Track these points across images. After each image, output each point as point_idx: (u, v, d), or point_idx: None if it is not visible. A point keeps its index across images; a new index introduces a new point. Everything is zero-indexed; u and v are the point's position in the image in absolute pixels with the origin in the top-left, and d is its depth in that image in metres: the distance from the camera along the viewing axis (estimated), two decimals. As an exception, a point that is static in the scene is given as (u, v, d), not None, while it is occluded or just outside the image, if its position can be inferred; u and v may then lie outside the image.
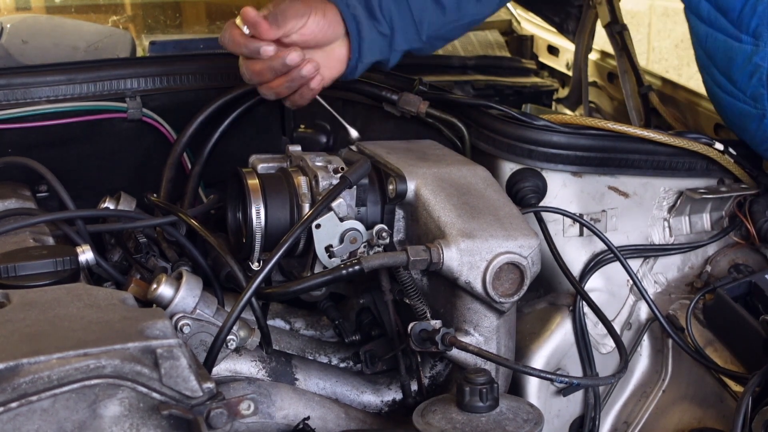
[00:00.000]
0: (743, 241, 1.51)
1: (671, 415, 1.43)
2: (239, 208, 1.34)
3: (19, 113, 1.52)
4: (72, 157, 1.62)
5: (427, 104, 1.51)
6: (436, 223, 1.21)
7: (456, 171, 1.31)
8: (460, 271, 1.16)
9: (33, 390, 0.78)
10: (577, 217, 1.42)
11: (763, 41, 1.35)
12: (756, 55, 1.36)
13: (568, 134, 1.41)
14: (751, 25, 1.35)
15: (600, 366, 1.43)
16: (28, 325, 0.88)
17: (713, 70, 1.47)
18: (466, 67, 2.24)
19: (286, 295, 1.26)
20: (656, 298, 1.47)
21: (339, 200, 1.24)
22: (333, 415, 1.23)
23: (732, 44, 1.39)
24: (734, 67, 1.40)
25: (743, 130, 1.48)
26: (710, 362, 1.35)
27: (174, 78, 1.66)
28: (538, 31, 2.48)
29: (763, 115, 1.40)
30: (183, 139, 1.60)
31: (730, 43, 1.39)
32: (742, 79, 1.40)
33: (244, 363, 1.27)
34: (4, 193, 1.43)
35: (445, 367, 1.31)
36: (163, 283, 1.14)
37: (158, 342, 0.85)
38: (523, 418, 1.05)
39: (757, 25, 1.35)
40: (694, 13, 1.46)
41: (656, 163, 1.46)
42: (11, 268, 1.08)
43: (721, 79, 1.45)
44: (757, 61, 1.36)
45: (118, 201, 1.43)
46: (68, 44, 1.91)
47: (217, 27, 2.58)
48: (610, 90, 2.19)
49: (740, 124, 1.48)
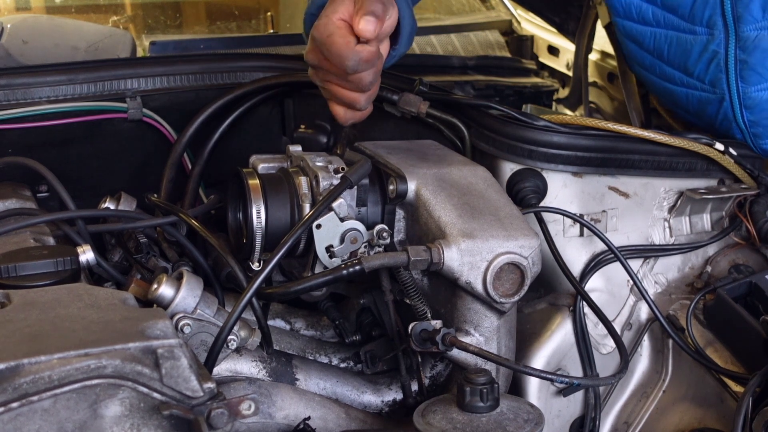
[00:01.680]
0: (743, 241, 1.51)
1: (671, 415, 1.43)
2: (240, 208, 1.34)
3: (19, 113, 1.52)
4: (72, 157, 1.62)
5: (427, 104, 1.51)
6: (437, 223, 1.21)
7: (456, 171, 1.31)
8: (461, 272, 1.16)
9: (34, 390, 0.78)
10: (577, 217, 1.42)
11: (717, 29, 1.45)
12: (712, 43, 1.47)
13: (568, 134, 1.41)
14: (705, 17, 1.46)
15: (600, 366, 1.43)
16: (28, 325, 0.88)
17: (663, 67, 1.58)
18: (467, 67, 2.24)
19: (286, 295, 1.26)
20: (656, 298, 1.47)
21: (339, 200, 1.24)
22: (333, 415, 1.23)
23: (686, 38, 1.50)
24: (690, 59, 1.51)
25: (701, 116, 1.60)
26: (710, 362, 1.35)
27: (174, 78, 1.66)
28: (538, 31, 2.48)
29: (722, 98, 1.51)
30: (183, 139, 1.60)
31: (684, 37, 1.50)
32: (700, 68, 1.51)
33: (245, 363, 1.27)
34: (4, 193, 1.43)
35: (445, 367, 1.31)
36: (163, 283, 1.14)
37: (159, 342, 0.85)
38: (523, 419, 1.05)
39: (710, 15, 1.45)
40: (635, 20, 1.57)
41: (656, 164, 1.46)
42: (12, 268, 1.08)
43: (673, 73, 1.56)
44: (714, 48, 1.47)
45: (119, 201, 1.43)
46: (68, 44, 1.91)
47: (217, 27, 2.58)
48: (610, 90, 2.19)
49: (697, 112, 1.59)
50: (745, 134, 1.56)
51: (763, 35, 1.42)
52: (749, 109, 1.49)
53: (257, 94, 1.66)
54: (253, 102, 1.66)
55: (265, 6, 2.69)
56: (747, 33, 1.43)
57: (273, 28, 2.49)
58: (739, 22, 1.42)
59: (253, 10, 2.70)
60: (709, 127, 1.61)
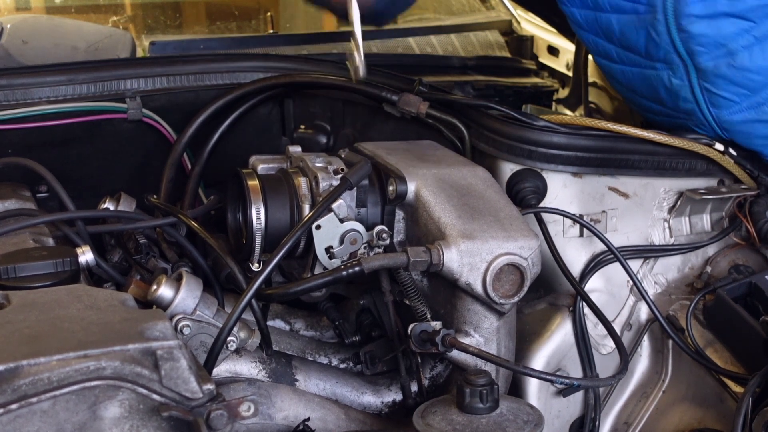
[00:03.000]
0: (743, 241, 1.51)
1: (671, 415, 1.43)
2: (239, 209, 1.34)
3: (19, 114, 1.52)
4: (72, 158, 1.62)
5: (427, 105, 1.51)
6: (436, 224, 1.21)
7: (456, 172, 1.31)
8: (461, 272, 1.16)
9: (33, 391, 0.78)
10: (577, 217, 1.42)
11: (675, 65, 1.44)
12: (674, 77, 1.45)
13: (568, 135, 1.41)
14: (660, 54, 1.44)
15: (600, 367, 1.43)
16: (28, 326, 0.88)
17: (639, 99, 1.58)
18: (466, 67, 2.24)
19: (286, 296, 1.26)
20: (656, 298, 1.47)
21: (339, 201, 1.24)
22: (333, 416, 1.23)
23: (649, 74, 1.49)
24: (659, 93, 1.50)
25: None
26: (710, 363, 1.35)
27: (174, 78, 1.66)
28: (538, 31, 2.48)
29: (700, 124, 1.49)
30: (183, 139, 1.60)
31: (647, 73, 1.49)
32: (670, 100, 1.50)
33: (244, 364, 1.27)
34: (4, 193, 1.43)
35: (445, 368, 1.31)
36: (163, 284, 1.14)
37: (158, 343, 0.85)
38: (523, 420, 1.05)
39: (664, 54, 1.43)
40: (604, 57, 1.56)
41: (656, 164, 1.46)
42: (11, 269, 1.08)
43: (650, 104, 1.57)
44: (676, 83, 1.46)
45: (118, 202, 1.43)
46: (68, 44, 1.91)
47: (217, 27, 2.58)
48: (610, 90, 2.19)
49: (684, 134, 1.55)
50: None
51: (720, 63, 1.40)
52: (727, 131, 1.48)
53: (257, 95, 1.66)
54: (253, 102, 1.66)
55: (265, 6, 2.69)
56: (704, 65, 1.40)
57: (273, 28, 2.49)
58: (693, 56, 1.40)
59: (253, 10, 2.70)
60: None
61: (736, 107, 1.44)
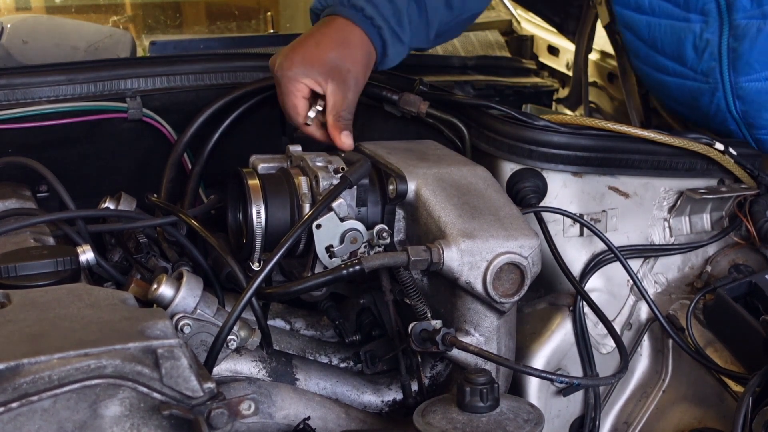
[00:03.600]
0: (743, 241, 1.51)
1: (671, 415, 1.43)
2: (239, 208, 1.34)
3: (19, 113, 1.52)
4: (72, 157, 1.62)
5: (427, 104, 1.51)
6: (437, 223, 1.21)
7: (456, 171, 1.31)
8: (461, 271, 1.16)
9: (34, 390, 0.78)
10: (577, 217, 1.42)
11: (711, 17, 1.48)
12: (706, 31, 1.49)
13: (568, 134, 1.41)
14: (699, 5, 1.48)
15: (600, 366, 1.43)
16: (28, 325, 0.88)
17: (657, 58, 1.60)
18: (467, 67, 2.24)
19: (286, 295, 1.26)
20: (656, 298, 1.47)
21: (339, 200, 1.24)
22: (333, 415, 1.23)
23: (680, 26, 1.52)
24: (684, 48, 1.53)
25: (694, 108, 1.61)
26: (710, 362, 1.35)
27: (174, 78, 1.66)
28: (538, 31, 2.48)
29: (715, 89, 1.52)
30: (183, 139, 1.60)
31: (678, 26, 1.52)
32: (694, 57, 1.52)
33: (245, 363, 1.27)
34: (4, 193, 1.43)
35: (445, 367, 1.31)
36: (163, 283, 1.14)
37: (159, 342, 0.85)
38: (523, 419, 1.05)
39: (704, 3, 1.47)
40: (633, 9, 1.59)
41: (656, 163, 1.46)
42: (12, 268, 1.08)
43: (667, 63, 1.58)
44: (707, 37, 1.48)
45: (119, 201, 1.43)
46: (69, 44, 1.91)
47: (217, 27, 2.58)
48: (610, 90, 2.19)
49: (691, 103, 1.60)
50: (739, 124, 1.57)
51: (752, 24, 1.44)
52: (741, 99, 1.51)
53: (257, 94, 1.66)
54: (253, 102, 1.66)
55: (265, 6, 2.69)
56: (738, 21, 1.45)
57: (273, 28, 2.49)
58: (731, 10, 1.45)
59: (253, 10, 2.71)
60: (703, 119, 1.62)
61: (755, 75, 1.48)
